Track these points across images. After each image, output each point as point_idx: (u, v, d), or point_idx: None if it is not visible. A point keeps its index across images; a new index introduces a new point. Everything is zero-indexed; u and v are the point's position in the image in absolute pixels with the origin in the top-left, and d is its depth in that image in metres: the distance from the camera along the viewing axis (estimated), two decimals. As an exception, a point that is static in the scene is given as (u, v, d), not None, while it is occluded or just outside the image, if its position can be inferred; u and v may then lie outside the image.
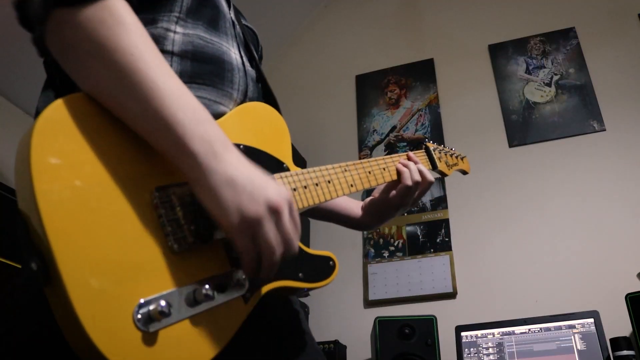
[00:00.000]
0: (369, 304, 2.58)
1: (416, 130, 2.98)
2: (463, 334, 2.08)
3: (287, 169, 0.87)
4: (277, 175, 0.83)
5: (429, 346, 2.08)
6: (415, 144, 1.15)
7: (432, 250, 2.62)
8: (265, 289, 0.74)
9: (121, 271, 0.57)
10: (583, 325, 1.93)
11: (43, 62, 0.79)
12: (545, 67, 2.88)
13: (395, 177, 1.07)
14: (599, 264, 2.31)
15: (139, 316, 0.56)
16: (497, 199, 2.63)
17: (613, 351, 1.86)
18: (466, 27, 3.16)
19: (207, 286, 0.63)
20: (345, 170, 0.97)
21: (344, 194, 0.95)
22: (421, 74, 3.13)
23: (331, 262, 0.86)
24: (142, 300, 0.57)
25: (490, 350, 2.02)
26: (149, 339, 0.56)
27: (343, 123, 3.13)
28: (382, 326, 2.15)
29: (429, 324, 2.14)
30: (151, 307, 0.57)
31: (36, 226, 0.53)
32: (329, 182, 0.92)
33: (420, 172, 1.08)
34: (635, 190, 2.41)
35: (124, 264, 0.57)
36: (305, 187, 0.86)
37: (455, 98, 2.98)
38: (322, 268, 0.84)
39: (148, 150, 0.65)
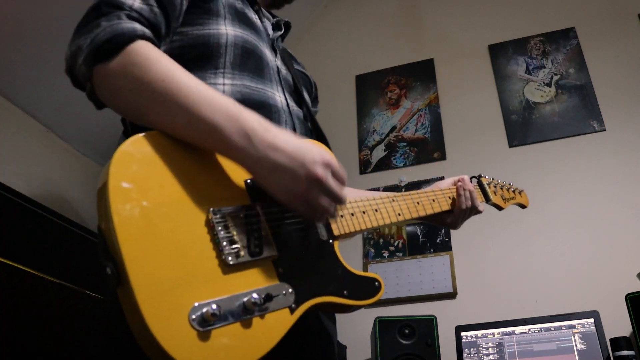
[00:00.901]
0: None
1: (416, 130, 2.98)
2: (463, 334, 2.08)
3: None
4: None
5: (429, 346, 2.08)
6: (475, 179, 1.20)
7: (432, 250, 2.62)
8: (311, 302, 0.79)
9: (179, 278, 0.66)
10: (583, 326, 1.93)
11: (121, 120, 0.91)
12: (545, 67, 2.88)
13: (444, 208, 1.17)
14: (599, 264, 2.31)
15: (194, 317, 0.64)
16: (497, 199, 2.62)
17: (613, 351, 1.87)
18: (466, 27, 3.16)
19: (256, 295, 0.70)
20: (393, 201, 1.06)
21: (391, 222, 1.03)
22: (421, 74, 3.13)
23: (377, 283, 0.91)
24: (196, 304, 0.65)
25: (490, 350, 2.02)
26: (203, 336, 0.64)
27: (343, 123, 3.14)
28: (382, 326, 2.15)
29: (429, 324, 2.14)
30: (204, 310, 0.65)
31: (111, 238, 0.63)
32: (376, 210, 1.00)
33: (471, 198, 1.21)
34: (635, 190, 2.41)
35: (182, 272, 0.67)
36: (352, 214, 0.95)
37: (455, 98, 2.99)
38: (367, 287, 0.90)
39: (209, 177, 0.77)
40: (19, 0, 2.07)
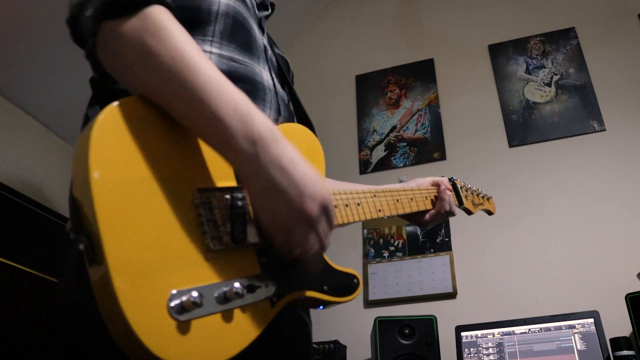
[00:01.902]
0: (369, 304, 2.58)
1: (416, 130, 2.98)
2: (463, 334, 2.08)
3: None
4: None
5: (429, 346, 2.08)
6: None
7: (432, 250, 2.62)
8: (292, 296, 0.77)
9: (159, 261, 0.61)
10: (583, 325, 1.93)
11: (89, 80, 0.84)
12: (545, 67, 2.88)
13: (421, 207, 1.17)
14: (599, 263, 2.31)
15: (172, 305, 0.59)
16: (497, 199, 2.61)
17: (613, 351, 1.87)
18: (466, 27, 3.16)
19: (237, 285, 0.66)
20: (375, 196, 1.04)
21: (372, 217, 1.01)
22: (421, 74, 3.13)
23: (355, 280, 0.89)
24: (174, 291, 0.60)
25: (490, 350, 2.02)
26: (182, 327, 0.60)
27: (343, 123, 3.14)
28: (382, 326, 2.15)
29: (429, 324, 2.14)
30: (184, 298, 0.60)
31: (87, 210, 0.57)
32: (358, 204, 0.98)
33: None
34: (635, 190, 2.41)
35: (162, 254, 0.61)
36: (335, 207, 0.90)
37: (455, 98, 2.99)
38: (346, 284, 0.87)
39: (194, 154, 0.71)
40: (19, 1, 2.07)
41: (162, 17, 0.69)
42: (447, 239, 2.61)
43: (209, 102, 0.66)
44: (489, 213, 1.54)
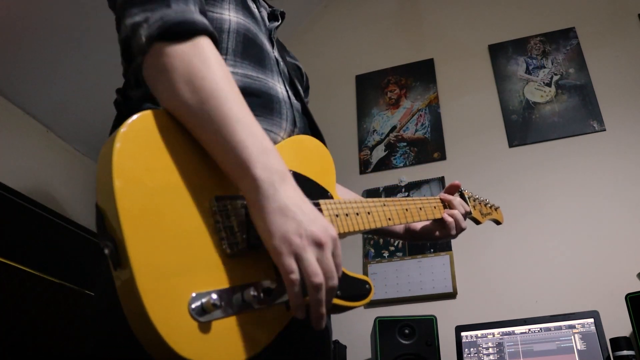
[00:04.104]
0: (368, 303, 2.57)
1: (416, 130, 2.98)
2: (463, 334, 2.08)
3: (331, 198, 0.94)
4: (321, 201, 0.90)
5: (429, 346, 2.08)
6: (450, 191, 1.23)
7: (432, 250, 2.62)
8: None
9: (180, 264, 0.64)
10: (583, 325, 1.93)
11: (114, 103, 0.90)
12: (545, 67, 2.88)
13: (430, 217, 1.18)
14: (599, 264, 2.31)
15: (194, 306, 0.62)
16: (497, 198, 2.61)
17: (613, 351, 1.87)
18: (466, 27, 3.16)
19: (254, 288, 0.70)
20: (385, 205, 1.06)
21: (382, 226, 1.03)
22: (421, 74, 3.13)
23: (367, 286, 0.91)
24: (194, 294, 0.63)
25: (490, 350, 2.02)
26: (203, 328, 0.62)
27: (343, 123, 3.14)
28: (382, 326, 2.15)
29: (429, 324, 2.14)
30: (204, 300, 0.63)
31: (111, 217, 0.61)
32: (368, 213, 0.99)
33: (458, 220, 1.22)
34: (635, 190, 2.42)
35: (183, 258, 0.64)
36: (346, 215, 0.94)
37: (455, 98, 2.99)
38: (359, 289, 0.90)
39: (212, 165, 0.74)
40: (19, 1, 2.07)
41: (211, 47, 0.77)
42: (447, 239, 2.62)
43: (239, 130, 0.71)
44: (497, 223, 1.56)
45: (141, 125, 0.68)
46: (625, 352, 1.85)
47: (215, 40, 0.79)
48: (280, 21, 1.15)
